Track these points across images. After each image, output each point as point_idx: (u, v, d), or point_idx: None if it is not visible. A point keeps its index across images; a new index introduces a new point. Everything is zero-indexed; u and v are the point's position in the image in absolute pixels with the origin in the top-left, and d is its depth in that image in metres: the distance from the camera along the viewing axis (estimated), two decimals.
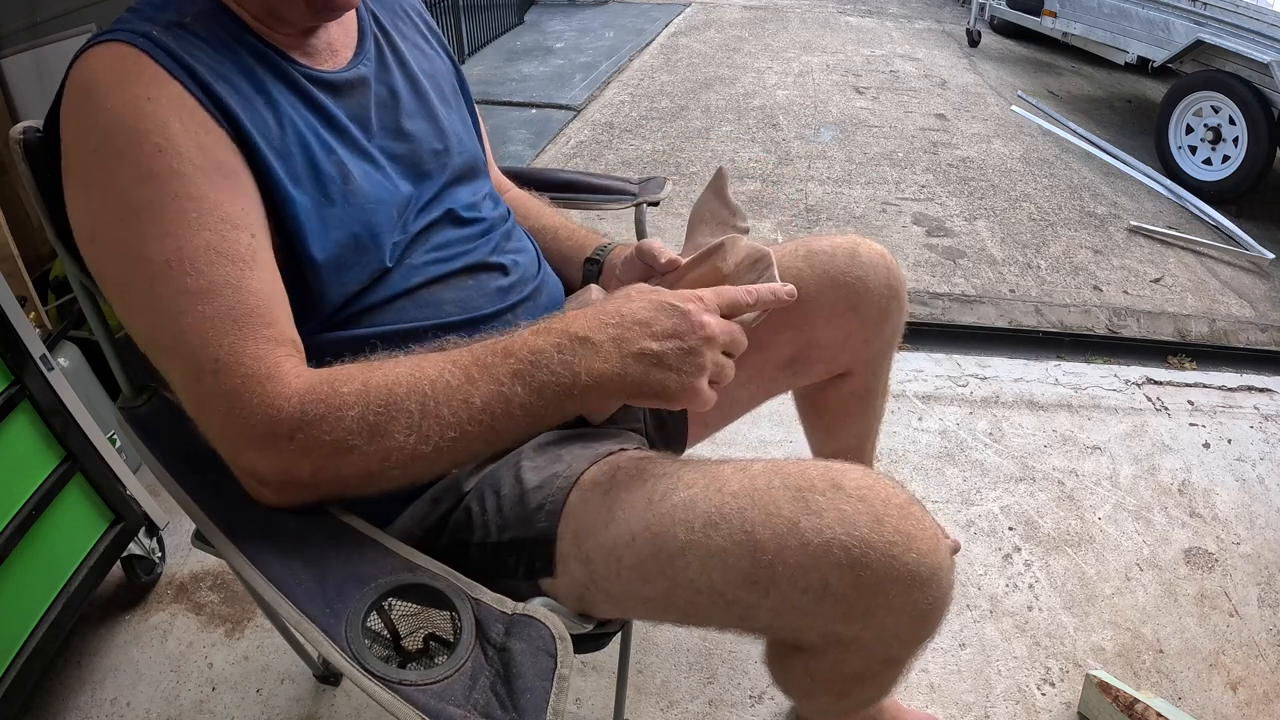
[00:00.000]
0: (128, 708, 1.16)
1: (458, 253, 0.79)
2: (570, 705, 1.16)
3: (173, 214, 0.59)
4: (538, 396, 0.60)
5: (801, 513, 0.59)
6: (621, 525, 0.64)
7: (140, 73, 0.61)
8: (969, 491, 1.57)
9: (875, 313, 0.92)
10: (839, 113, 4.11)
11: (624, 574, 0.64)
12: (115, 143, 0.59)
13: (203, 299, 0.58)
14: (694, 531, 0.61)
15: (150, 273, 0.59)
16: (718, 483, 0.63)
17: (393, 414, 0.58)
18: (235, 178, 0.63)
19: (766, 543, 0.59)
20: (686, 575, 0.61)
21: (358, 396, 0.58)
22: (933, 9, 7.10)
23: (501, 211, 0.88)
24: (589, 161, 3.41)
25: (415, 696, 0.51)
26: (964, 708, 1.18)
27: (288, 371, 0.59)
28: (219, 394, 0.57)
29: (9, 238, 1.39)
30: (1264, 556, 1.46)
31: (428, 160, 0.80)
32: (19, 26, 1.61)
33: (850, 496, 0.59)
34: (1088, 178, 3.40)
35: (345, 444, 0.57)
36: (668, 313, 0.63)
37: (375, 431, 0.57)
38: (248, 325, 0.59)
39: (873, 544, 0.57)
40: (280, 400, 0.57)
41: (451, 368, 0.60)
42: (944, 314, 2.23)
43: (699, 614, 0.65)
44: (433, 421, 0.58)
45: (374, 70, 0.78)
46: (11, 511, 1.02)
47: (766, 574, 0.59)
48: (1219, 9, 3.42)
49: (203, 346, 0.58)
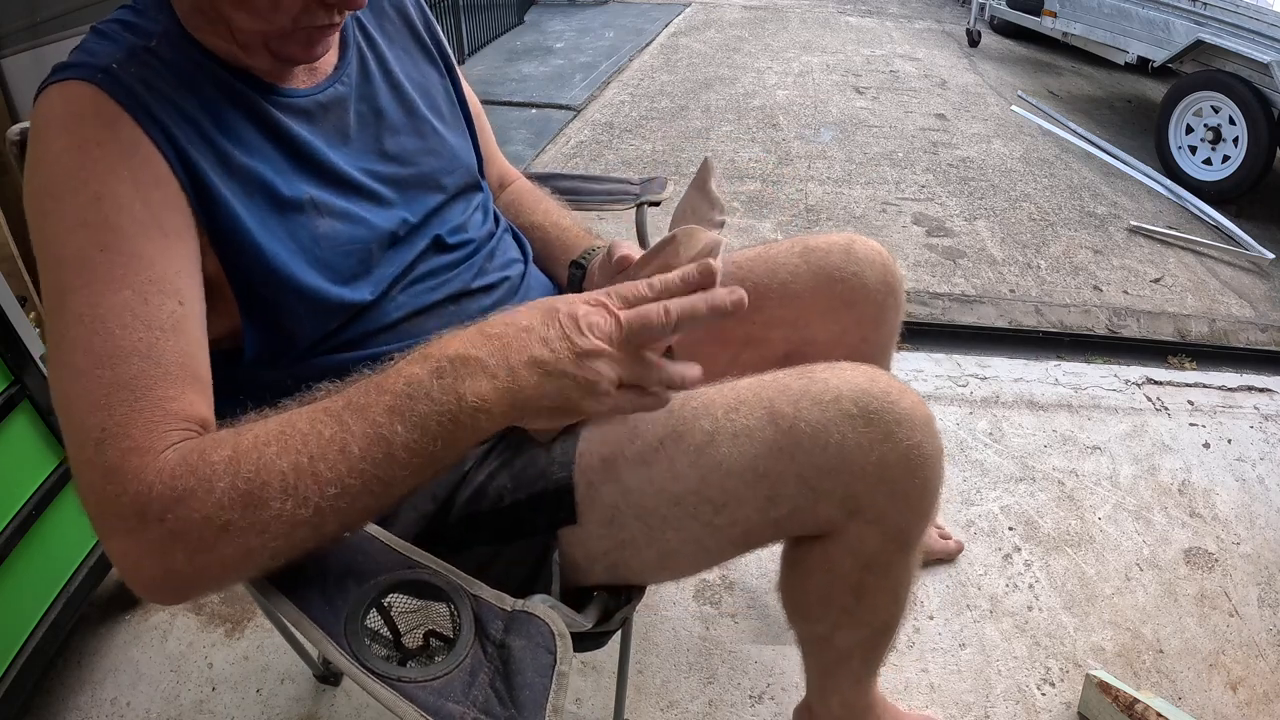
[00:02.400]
0: (128, 708, 1.16)
1: (442, 281, 0.77)
2: (570, 705, 1.16)
3: (98, 267, 0.55)
4: (421, 433, 0.52)
5: (809, 383, 0.69)
6: (647, 436, 0.70)
7: (94, 115, 0.58)
8: (969, 491, 1.57)
9: (872, 309, 0.92)
10: (839, 113, 4.11)
11: (656, 478, 0.69)
12: (56, 187, 0.57)
13: (106, 363, 0.53)
14: (718, 420, 0.68)
15: (63, 324, 0.55)
16: (728, 385, 0.72)
17: (265, 478, 0.50)
18: (178, 238, 0.59)
19: (785, 410, 0.67)
20: (716, 459, 0.67)
21: (227, 464, 0.51)
22: (933, 9, 7.10)
23: (489, 227, 0.85)
24: (589, 161, 3.41)
25: (415, 693, 0.52)
26: (964, 708, 1.18)
27: (171, 445, 0.53)
28: (97, 467, 0.51)
29: (9, 238, 1.39)
30: (1264, 556, 1.45)
31: (413, 183, 0.77)
32: (19, 26, 1.61)
33: (845, 369, 0.71)
34: (1088, 178, 3.40)
35: (218, 520, 0.50)
36: (556, 316, 0.56)
37: (249, 501, 0.50)
38: (147, 397, 0.53)
39: (873, 394, 0.67)
40: (152, 475, 0.50)
41: (323, 416, 0.53)
42: (944, 314, 2.23)
43: (730, 504, 0.69)
44: (309, 480, 0.51)
45: (354, 86, 0.75)
46: (11, 511, 1.02)
47: (789, 438, 0.66)
48: (1219, 9, 3.42)
49: (92, 413, 0.52)
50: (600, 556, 0.72)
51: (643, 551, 0.71)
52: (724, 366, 0.94)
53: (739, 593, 1.34)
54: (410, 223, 0.75)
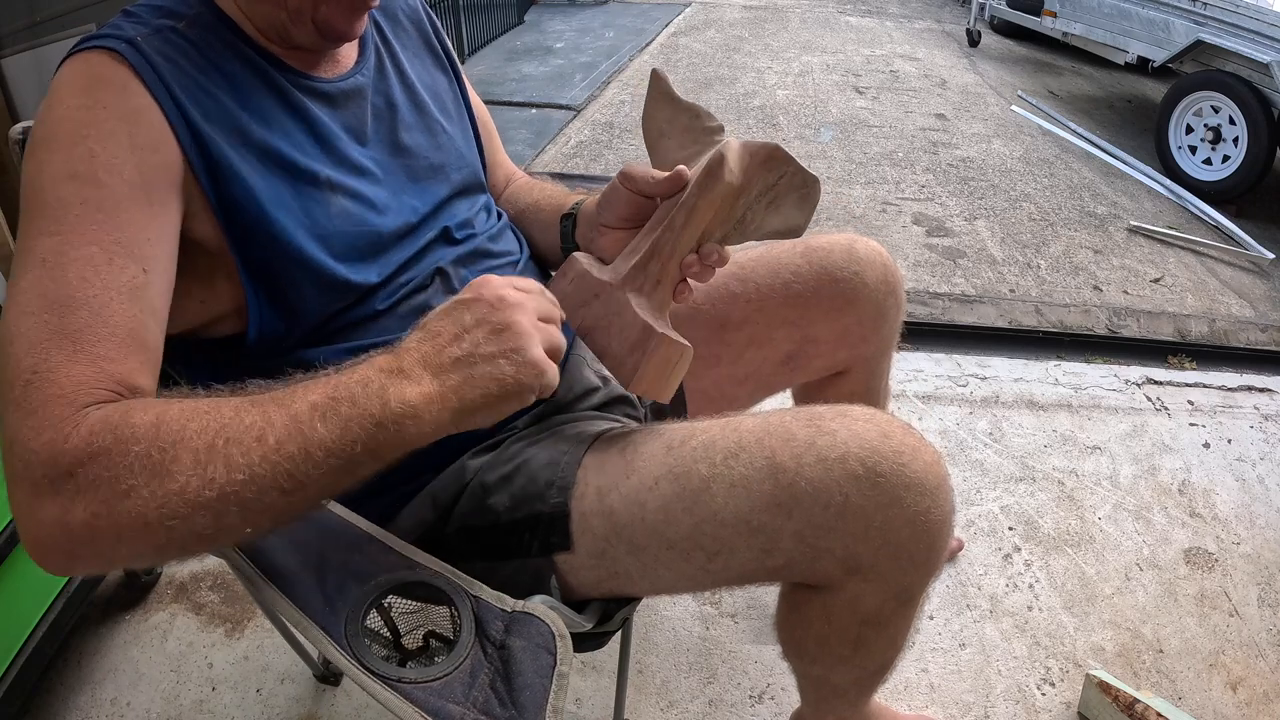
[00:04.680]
0: (128, 708, 1.16)
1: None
2: (570, 705, 1.16)
3: (74, 217, 0.56)
4: (342, 433, 0.52)
5: (816, 434, 0.64)
6: (643, 473, 0.67)
7: (109, 81, 0.60)
8: (969, 491, 1.57)
9: (872, 309, 0.93)
10: (839, 113, 4.11)
11: (649, 519, 0.66)
12: (57, 138, 0.59)
13: (55, 310, 0.54)
14: (716, 465, 0.65)
15: (26, 263, 0.56)
16: (733, 424, 0.68)
17: (178, 452, 0.50)
18: (162, 208, 0.60)
19: (787, 464, 0.63)
20: (711, 508, 0.64)
21: (148, 430, 0.50)
22: (933, 9, 7.10)
23: (493, 223, 0.87)
24: (589, 161, 3.41)
25: (415, 694, 0.52)
26: (964, 708, 1.18)
27: (96, 402, 0.52)
28: (19, 407, 0.51)
29: (9, 238, 1.39)
30: (1264, 556, 1.46)
31: (424, 174, 0.79)
32: (19, 26, 1.61)
33: (857, 419, 0.65)
34: (1088, 178, 3.40)
35: (122, 484, 0.49)
36: (461, 306, 0.58)
37: (156, 471, 0.49)
38: (86, 352, 0.53)
39: (883, 453, 0.62)
40: (69, 428, 0.50)
41: (248, 405, 0.53)
42: (944, 314, 2.23)
43: (723, 553, 0.66)
44: (219, 463, 0.50)
45: (372, 80, 0.78)
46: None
47: (789, 494, 0.62)
48: (1219, 9, 3.42)
49: (28, 353, 0.52)
50: (593, 585, 0.71)
51: (636, 582, 0.71)
52: (727, 368, 0.95)
53: (739, 592, 1.34)
54: (420, 212, 0.77)
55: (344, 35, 0.71)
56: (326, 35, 0.70)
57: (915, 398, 1.85)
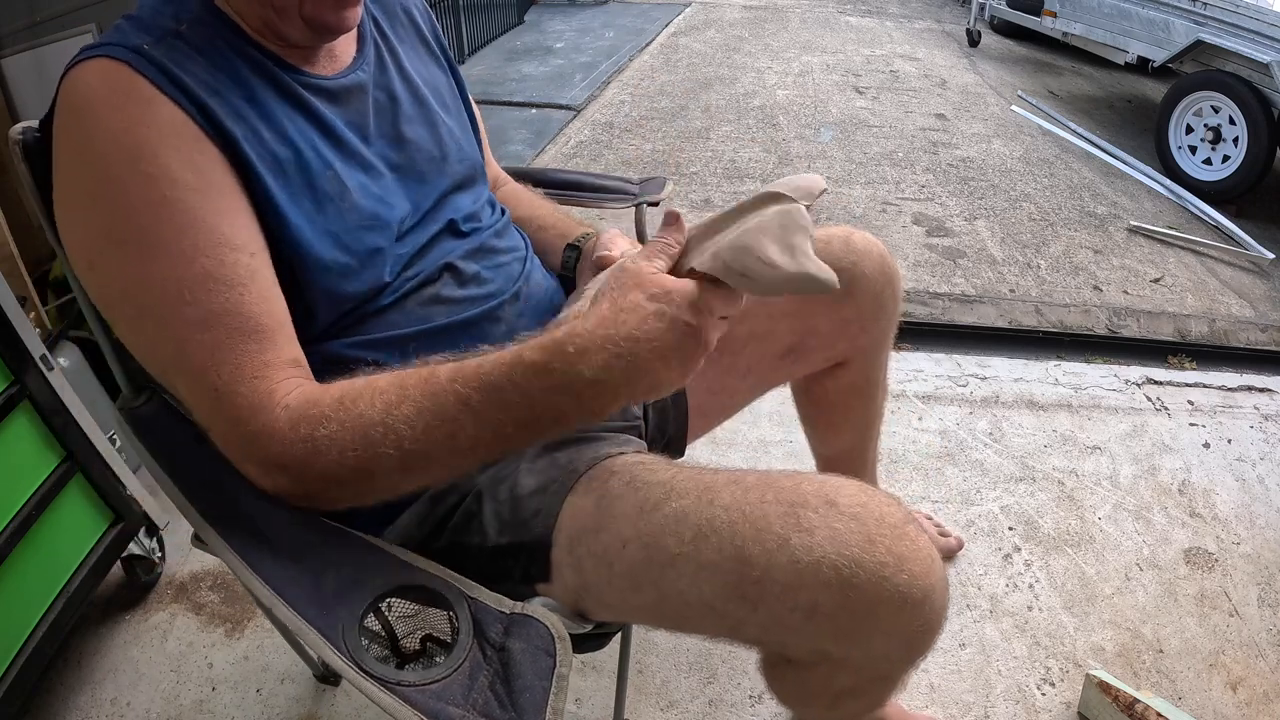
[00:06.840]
0: (128, 708, 1.16)
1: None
2: (570, 705, 1.16)
3: (169, 242, 0.59)
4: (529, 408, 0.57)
5: (793, 529, 0.58)
6: (613, 533, 0.64)
7: (132, 94, 0.60)
8: (969, 491, 1.57)
9: (870, 299, 0.94)
10: (839, 113, 4.11)
11: (615, 581, 0.64)
12: (111, 170, 0.59)
13: (201, 328, 0.59)
14: (684, 543, 0.60)
15: (149, 301, 0.60)
16: (710, 494, 0.62)
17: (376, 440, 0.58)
18: (232, 195, 0.63)
19: (756, 559, 0.58)
20: (676, 587, 0.61)
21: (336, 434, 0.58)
22: (933, 9, 7.09)
23: (498, 217, 0.88)
24: (589, 161, 3.41)
25: (414, 697, 0.51)
26: (964, 708, 1.18)
27: (279, 403, 0.59)
28: (221, 418, 0.60)
29: (9, 238, 1.39)
30: (1264, 556, 1.45)
31: (427, 167, 0.79)
32: (19, 26, 1.61)
33: (843, 514, 0.58)
34: (1088, 178, 3.40)
35: (345, 462, 0.59)
36: (620, 288, 0.58)
37: (367, 441, 0.58)
38: (244, 351, 0.60)
39: (864, 564, 0.56)
40: (265, 439, 0.59)
41: (433, 385, 0.59)
42: (944, 314, 2.23)
43: (689, 624, 0.66)
44: (412, 427, 0.58)
45: (372, 75, 0.78)
46: (11, 511, 1.02)
47: (755, 590, 0.58)
48: (1219, 9, 3.42)
49: (203, 374, 0.59)
50: (573, 607, 0.70)
51: (614, 625, 0.72)
52: (729, 362, 0.95)
53: None
54: (426, 205, 0.78)
55: (334, 28, 0.70)
56: (317, 29, 0.69)
57: (915, 398, 1.85)
